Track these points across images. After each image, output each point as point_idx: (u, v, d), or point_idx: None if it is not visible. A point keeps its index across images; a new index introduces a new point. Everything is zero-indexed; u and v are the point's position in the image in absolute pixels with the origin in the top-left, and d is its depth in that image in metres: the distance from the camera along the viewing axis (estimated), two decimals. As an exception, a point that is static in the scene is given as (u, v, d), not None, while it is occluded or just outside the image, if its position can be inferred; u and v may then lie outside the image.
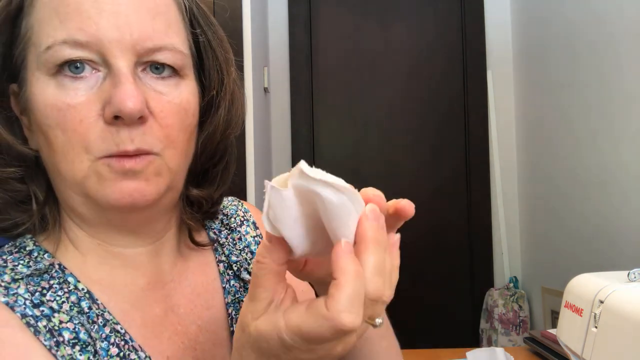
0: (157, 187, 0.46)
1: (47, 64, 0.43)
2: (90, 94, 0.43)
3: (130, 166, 0.43)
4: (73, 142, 0.43)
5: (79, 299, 0.47)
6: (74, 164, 0.44)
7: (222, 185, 0.58)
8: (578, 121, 1.84)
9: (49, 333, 0.43)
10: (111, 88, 0.43)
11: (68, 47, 0.42)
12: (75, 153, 0.43)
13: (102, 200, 0.45)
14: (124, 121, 0.43)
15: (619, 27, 1.58)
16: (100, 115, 0.43)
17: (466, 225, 2.45)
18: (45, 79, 0.43)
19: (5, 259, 0.47)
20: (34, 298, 0.45)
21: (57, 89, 0.43)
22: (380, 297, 0.34)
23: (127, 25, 0.43)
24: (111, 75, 0.43)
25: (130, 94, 0.42)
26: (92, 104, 0.43)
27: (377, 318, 0.34)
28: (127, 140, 0.43)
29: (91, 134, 0.43)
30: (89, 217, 0.48)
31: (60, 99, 0.43)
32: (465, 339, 2.36)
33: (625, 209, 1.58)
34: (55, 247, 0.49)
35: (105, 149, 0.43)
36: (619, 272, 0.61)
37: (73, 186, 0.46)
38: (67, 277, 0.48)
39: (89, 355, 0.44)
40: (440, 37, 2.48)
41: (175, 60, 0.46)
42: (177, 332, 0.52)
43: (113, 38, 0.43)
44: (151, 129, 0.45)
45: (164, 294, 0.53)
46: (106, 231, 0.50)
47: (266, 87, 2.26)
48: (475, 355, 0.80)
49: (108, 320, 0.47)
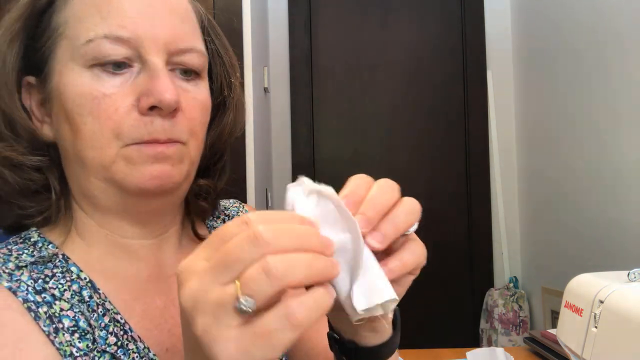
0: (180, 171, 0.49)
1: (86, 55, 0.46)
2: (125, 86, 0.47)
3: (161, 150, 0.47)
4: (104, 129, 0.46)
5: (81, 288, 0.48)
6: (103, 150, 0.46)
7: (220, 182, 0.61)
8: (578, 121, 1.84)
9: (49, 319, 0.44)
10: (148, 81, 0.46)
11: (109, 42, 0.45)
12: (106, 139, 0.46)
13: (131, 183, 0.47)
14: (160, 112, 0.46)
15: (619, 27, 1.58)
16: (134, 106, 0.46)
17: (466, 225, 2.45)
18: (80, 69, 0.46)
19: (10, 249, 0.49)
20: (37, 285, 0.46)
21: (92, 79, 0.46)
22: None
23: (162, 26, 0.47)
24: (146, 70, 0.47)
25: (169, 86, 0.46)
26: (127, 95, 0.46)
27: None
28: (160, 130, 0.47)
29: (125, 122, 0.46)
30: (105, 204, 0.50)
31: (96, 88, 0.46)
32: (465, 339, 2.36)
33: (625, 209, 1.58)
34: (62, 237, 0.51)
35: (137, 137, 0.46)
36: (619, 272, 0.61)
37: (98, 172, 0.48)
38: (70, 267, 0.49)
39: (87, 342, 0.46)
40: (440, 37, 2.48)
41: (199, 62, 0.51)
42: (177, 325, 0.53)
43: (150, 36, 0.47)
44: (180, 121, 0.48)
45: (166, 286, 0.55)
46: (117, 221, 0.51)
47: (266, 87, 2.26)
48: (475, 355, 0.80)
49: (108, 309, 0.48)
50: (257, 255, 0.28)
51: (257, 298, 0.28)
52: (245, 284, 0.28)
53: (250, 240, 0.29)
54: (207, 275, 0.29)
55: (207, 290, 0.29)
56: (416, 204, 0.39)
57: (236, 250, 0.29)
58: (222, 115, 0.58)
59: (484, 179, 2.45)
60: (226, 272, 0.29)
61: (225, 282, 0.29)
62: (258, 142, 1.80)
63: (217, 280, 0.29)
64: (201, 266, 0.30)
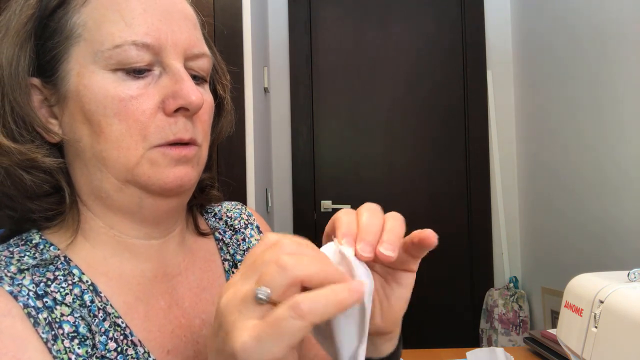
0: (198, 172, 0.52)
1: (111, 59, 0.47)
2: (149, 88, 0.48)
3: (185, 153, 0.49)
4: (132, 130, 0.47)
5: (82, 292, 0.48)
6: (129, 151, 0.48)
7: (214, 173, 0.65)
8: (578, 121, 1.84)
9: (49, 326, 0.44)
10: (173, 84, 0.48)
11: (135, 48, 0.47)
12: (133, 141, 0.48)
13: (155, 184, 0.49)
14: (185, 113, 0.49)
15: (620, 26, 1.58)
16: (159, 108, 0.48)
17: (466, 225, 2.46)
18: (102, 72, 0.47)
19: (12, 251, 0.49)
20: (38, 289, 0.46)
21: (116, 82, 0.47)
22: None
23: (180, 32, 0.50)
24: (169, 73, 0.49)
25: (195, 89, 0.49)
26: (152, 97, 0.48)
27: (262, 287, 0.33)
28: (183, 130, 0.49)
29: (151, 124, 0.48)
30: (121, 204, 0.51)
31: (122, 91, 0.47)
32: (465, 339, 2.37)
33: (625, 209, 1.58)
34: (66, 238, 0.51)
35: (162, 137, 0.48)
36: (619, 272, 0.61)
37: (120, 173, 0.49)
38: (72, 270, 0.49)
39: (87, 348, 0.46)
40: (440, 37, 2.48)
41: (208, 66, 0.54)
42: (180, 326, 0.53)
43: (171, 42, 0.49)
44: (197, 123, 0.51)
45: (170, 287, 0.55)
46: (128, 221, 0.52)
47: (266, 87, 2.26)
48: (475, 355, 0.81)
49: (109, 314, 0.49)
50: (275, 257, 0.33)
51: (271, 287, 0.32)
52: (261, 277, 0.33)
53: (271, 247, 0.35)
54: (238, 282, 0.35)
55: (237, 292, 0.34)
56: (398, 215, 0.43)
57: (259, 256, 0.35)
58: (221, 117, 0.60)
59: (484, 178, 2.45)
60: (251, 276, 0.34)
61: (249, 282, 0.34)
62: (258, 142, 1.80)
63: (245, 283, 0.34)
64: (236, 278, 0.35)
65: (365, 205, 0.43)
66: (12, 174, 0.48)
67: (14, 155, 0.48)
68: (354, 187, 2.46)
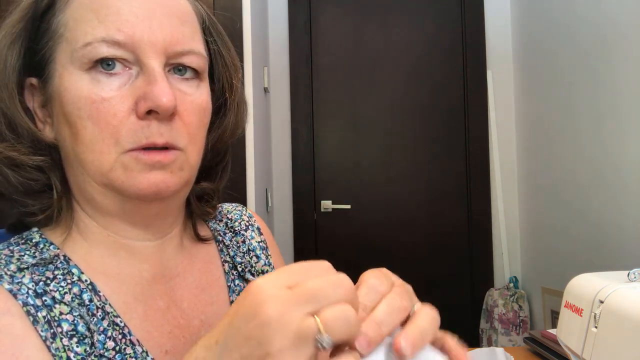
0: (179, 179, 0.49)
1: (83, 59, 0.46)
2: (123, 89, 0.46)
3: (159, 159, 0.47)
4: (104, 134, 0.46)
5: (81, 291, 0.48)
6: (102, 155, 0.46)
7: (222, 182, 0.62)
8: (578, 121, 1.84)
9: (47, 324, 0.44)
10: (145, 85, 0.46)
11: (106, 45, 0.45)
12: (105, 145, 0.46)
13: (129, 189, 0.47)
14: (157, 116, 0.46)
15: (621, 26, 1.58)
16: (132, 110, 0.46)
17: (466, 225, 2.45)
18: (79, 73, 0.46)
19: (12, 250, 0.49)
20: (38, 288, 0.46)
21: (91, 83, 0.46)
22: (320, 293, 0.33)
23: (160, 30, 0.47)
24: (144, 73, 0.47)
25: (166, 91, 0.46)
26: (125, 99, 0.46)
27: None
28: (157, 134, 0.47)
29: (123, 127, 0.46)
30: (106, 207, 0.50)
31: (94, 92, 0.46)
32: (465, 339, 2.36)
33: (625, 209, 1.58)
34: (63, 237, 0.51)
35: (134, 142, 0.46)
36: (619, 272, 0.61)
37: (96, 176, 0.48)
38: (72, 269, 0.49)
39: (85, 347, 0.46)
40: (440, 37, 2.48)
41: (199, 63, 0.51)
42: (179, 326, 0.53)
43: (148, 40, 0.47)
44: (177, 126, 0.48)
45: (168, 287, 0.55)
46: (119, 223, 0.52)
47: (266, 87, 2.26)
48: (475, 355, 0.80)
49: (108, 312, 0.49)
50: (339, 298, 0.32)
51: (335, 338, 0.31)
52: (326, 322, 0.31)
53: (336, 284, 0.32)
54: (290, 302, 0.31)
55: (290, 315, 0.31)
56: (433, 317, 0.40)
57: (322, 288, 0.32)
58: (223, 117, 0.58)
59: (484, 178, 2.45)
60: (309, 305, 0.32)
61: (307, 313, 0.31)
62: (258, 142, 1.80)
63: (301, 309, 0.31)
64: (284, 292, 0.32)
65: (398, 290, 0.38)
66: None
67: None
68: (354, 186, 2.46)
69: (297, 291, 0.32)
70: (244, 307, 0.32)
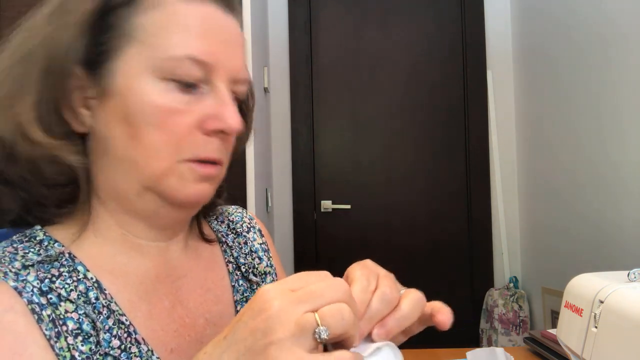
0: (214, 190, 0.54)
1: (163, 68, 0.48)
2: (192, 104, 0.49)
3: (211, 172, 0.51)
4: (167, 143, 0.48)
5: (87, 289, 0.48)
6: (160, 161, 0.49)
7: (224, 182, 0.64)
8: (578, 121, 1.84)
9: (52, 322, 0.45)
10: (216, 106, 0.50)
11: (193, 64, 0.48)
12: (167, 152, 0.48)
13: (177, 196, 0.50)
14: (221, 135, 0.51)
15: (621, 27, 1.58)
16: (198, 125, 0.49)
17: (466, 225, 2.46)
18: (153, 80, 0.48)
19: (16, 247, 0.49)
20: (43, 285, 0.46)
21: (164, 92, 0.48)
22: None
23: (235, 58, 0.52)
24: (214, 94, 0.50)
25: (236, 115, 0.50)
26: (192, 114, 0.49)
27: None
28: (217, 151, 0.51)
29: (186, 139, 0.49)
30: (136, 207, 0.51)
31: (166, 102, 0.48)
32: (465, 339, 2.36)
33: (625, 209, 1.58)
34: (75, 232, 0.52)
35: (194, 154, 0.49)
36: (619, 272, 0.60)
37: (144, 179, 0.49)
38: (77, 266, 0.49)
39: (90, 345, 0.46)
40: (440, 37, 2.48)
41: (246, 91, 0.56)
42: (184, 325, 0.54)
43: (225, 65, 0.50)
44: (228, 144, 0.53)
45: (174, 287, 0.55)
46: (138, 223, 0.53)
47: (266, 87, 2.26)
48: (475, 355, 0.80)
49: (113, 311, 0.49)
50: (336, 299, 0.36)
51: (331, 331, 0.35)
52: (324, 317, 0.35)
53: (333, 287, 0.37)
54: (293, 300, 0.36)
55: (292, 310, 0.35)
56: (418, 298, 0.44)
57: (321, 290, 0.37)
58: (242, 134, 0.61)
59: (484, 178, 2.45)
60: (309, 304, 0.36)
61: (306, 310, 0.36)
62: (258, 142, 1.80)
63: (302, 307, 0.36)
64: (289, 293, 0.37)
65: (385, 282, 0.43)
66: (33, 161, 0.49)
67: (42, 148, 0.47)
68: (354, 187, 2.46)
69: (299, 292, 0.36)
70: (252, 307, 0.37)
